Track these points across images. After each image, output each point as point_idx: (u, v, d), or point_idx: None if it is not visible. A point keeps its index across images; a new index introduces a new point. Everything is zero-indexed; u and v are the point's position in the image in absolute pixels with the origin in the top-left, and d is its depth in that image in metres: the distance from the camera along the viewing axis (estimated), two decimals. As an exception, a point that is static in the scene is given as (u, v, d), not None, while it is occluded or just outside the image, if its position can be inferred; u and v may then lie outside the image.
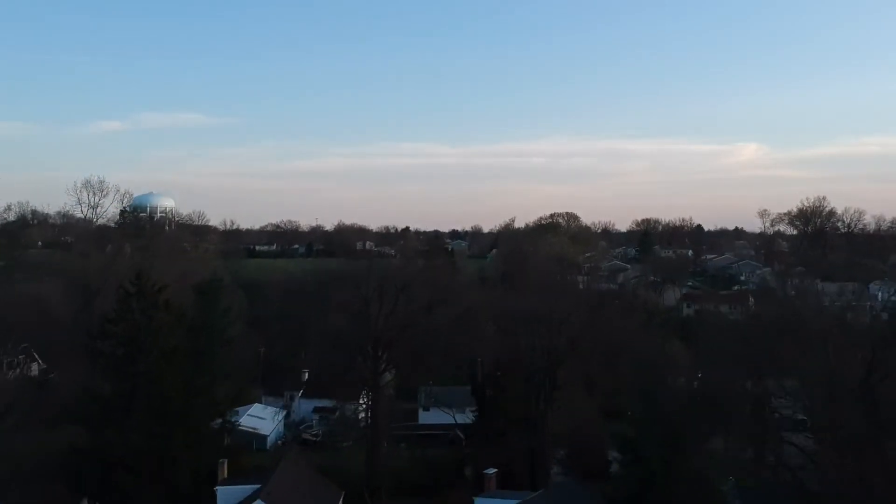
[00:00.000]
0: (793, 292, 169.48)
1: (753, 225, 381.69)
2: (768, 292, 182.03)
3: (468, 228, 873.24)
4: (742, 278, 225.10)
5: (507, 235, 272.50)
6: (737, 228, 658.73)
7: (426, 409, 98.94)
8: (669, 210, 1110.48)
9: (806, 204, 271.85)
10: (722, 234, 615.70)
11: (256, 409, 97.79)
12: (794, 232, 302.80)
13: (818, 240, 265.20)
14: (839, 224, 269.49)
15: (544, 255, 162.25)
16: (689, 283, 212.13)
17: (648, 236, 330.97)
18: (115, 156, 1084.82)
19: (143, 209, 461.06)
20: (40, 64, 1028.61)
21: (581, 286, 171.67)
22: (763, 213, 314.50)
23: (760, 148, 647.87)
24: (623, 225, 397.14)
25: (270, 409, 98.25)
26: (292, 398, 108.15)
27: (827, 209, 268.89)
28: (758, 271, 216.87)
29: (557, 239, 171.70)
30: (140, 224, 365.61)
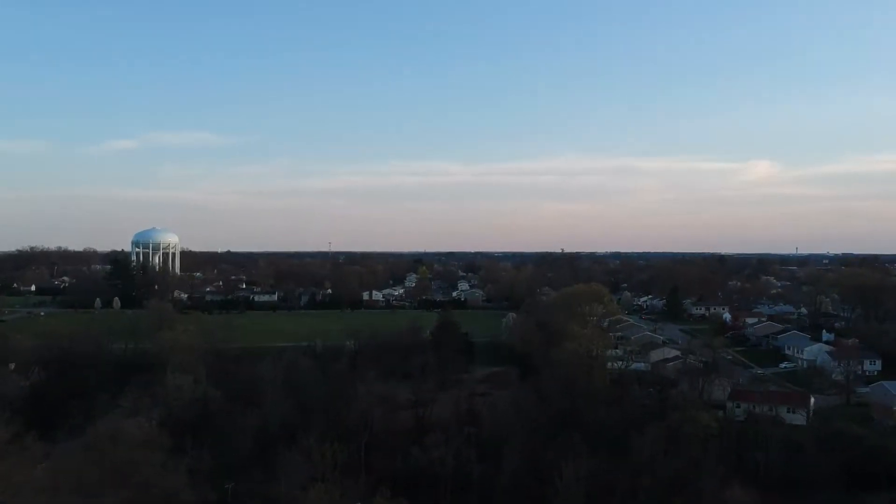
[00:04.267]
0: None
1: (773, 245, 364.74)
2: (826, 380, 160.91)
3: (482, 249, 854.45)
4: (788, 351, 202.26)
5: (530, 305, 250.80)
6: (760, 261, 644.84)
7: None
8: (682, 229, 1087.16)
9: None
10: (745, 263, 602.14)
11: None
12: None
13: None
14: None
15: (571, 349, 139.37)
16: (730, 357, 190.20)
17: (677, 291, 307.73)
18: (128, 174, 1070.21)
19: (146, 245, 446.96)
20: (53, 82, 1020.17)
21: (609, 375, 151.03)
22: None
23: (773, 165, 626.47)
24: (638, 246, 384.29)
25: None
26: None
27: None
28: (806, 347, 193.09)
29: (585, 331, 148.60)
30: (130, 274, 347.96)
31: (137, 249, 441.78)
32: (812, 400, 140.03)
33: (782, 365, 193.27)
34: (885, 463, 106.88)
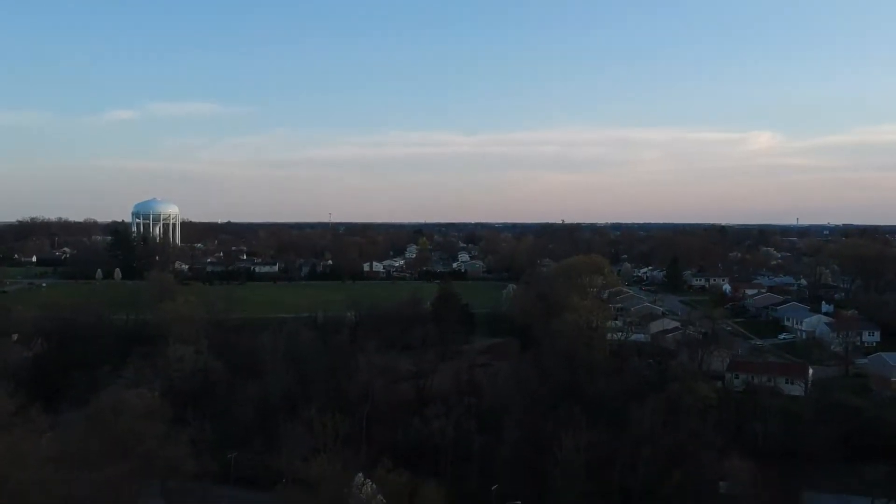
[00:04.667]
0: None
1: (774, 216, 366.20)
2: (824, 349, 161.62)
3: (482, 220, 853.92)
4: (787, 323, 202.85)
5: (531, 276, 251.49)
6: (761, 231, 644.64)
7: None
8: (683, 200, 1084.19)
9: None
10: (746, 234, 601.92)
11: None
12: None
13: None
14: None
15: (572, 321, 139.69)
16: (729, 328, 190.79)
17: (677, 262, 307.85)
18: (128, 145, 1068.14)
19: (147, 216, 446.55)
20: (54, 54, 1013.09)
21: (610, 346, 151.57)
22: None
23: (775, 136, 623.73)
24: (638, 216, 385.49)
25: None
26: None
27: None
28: (805, 319, 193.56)
29: (585, 302, 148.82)
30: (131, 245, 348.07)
31: (138, 220, 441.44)
32: (811, 371, 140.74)
33: (781, 336, 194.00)
34: (884, 434, 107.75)
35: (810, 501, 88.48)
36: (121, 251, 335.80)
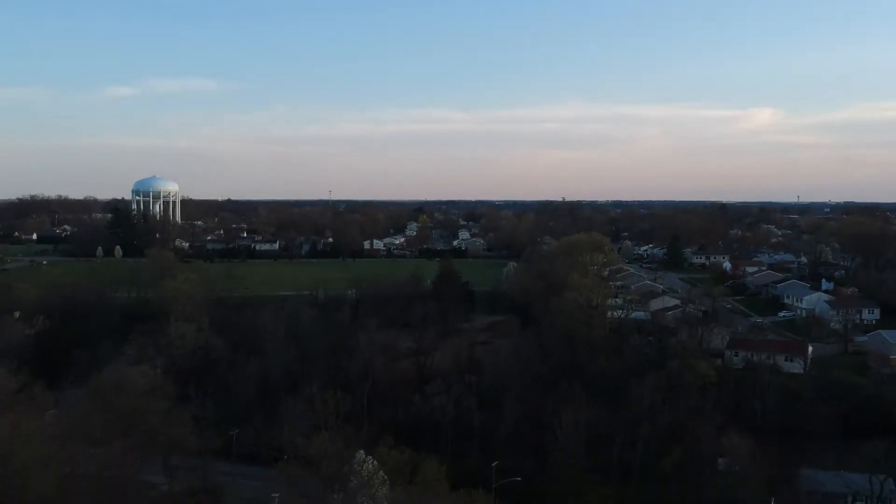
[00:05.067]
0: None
1: (775, 193, 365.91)
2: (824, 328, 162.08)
3: (483, 198, 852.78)
4: (787, 300, 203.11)
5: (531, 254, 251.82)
6: (762, 209, 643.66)
7: None
8: (684, 177, 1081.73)
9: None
10: (746, 212, 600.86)
11: None
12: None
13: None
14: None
15: (572, 299, 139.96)
16: (729, 306, 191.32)
17: (677, 240, 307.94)
18: (127, 121, 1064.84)
19: (147, 193, 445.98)
20: (53, 31, 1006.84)
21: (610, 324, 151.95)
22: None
23: (776, 113, 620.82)
24: (639, 194, 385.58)
25: None
26: None
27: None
28: (805, 296, 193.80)
29: (585, 280, 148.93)
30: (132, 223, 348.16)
31: (138, 198, 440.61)
32: (810, 349, 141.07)
33: (781, 314, 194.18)
34: (882, 411, 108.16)
35: (808, 478, 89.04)
36: (121, 229, 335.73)
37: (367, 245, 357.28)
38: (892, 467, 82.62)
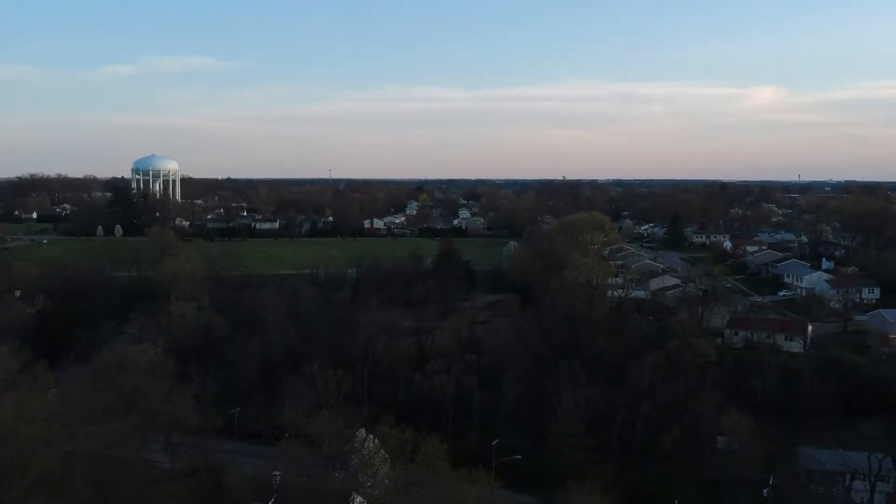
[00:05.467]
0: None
1: (776, 172, 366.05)
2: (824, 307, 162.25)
3: (483, 177, 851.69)
4: (787, 279, 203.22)
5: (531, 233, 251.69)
6: (763, 188, 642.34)
7: None
8: (685, 156, 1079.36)
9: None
10: (747, 191, 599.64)
11: None
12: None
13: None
14: None
15: (572, 278, 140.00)
16: (729, 285, 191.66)
17: (678, 219, 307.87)
18: (126, 100, 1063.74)
19: (147, 172, 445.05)
20: (52, 8, 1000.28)
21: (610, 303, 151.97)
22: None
23: (778, 91, 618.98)
24: (640, 173, 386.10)
25: None
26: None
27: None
28: (805, 275, 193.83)
29: (585, 260, 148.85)
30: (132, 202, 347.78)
31: (138, 177, 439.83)
32: (810, 328, 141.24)
33: (781, 293, 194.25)
34: (881, 391, 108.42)
35: (807, 456, 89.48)
36: (121, 207, 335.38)
37: (367, 224, 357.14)
38: (891, 446, 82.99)
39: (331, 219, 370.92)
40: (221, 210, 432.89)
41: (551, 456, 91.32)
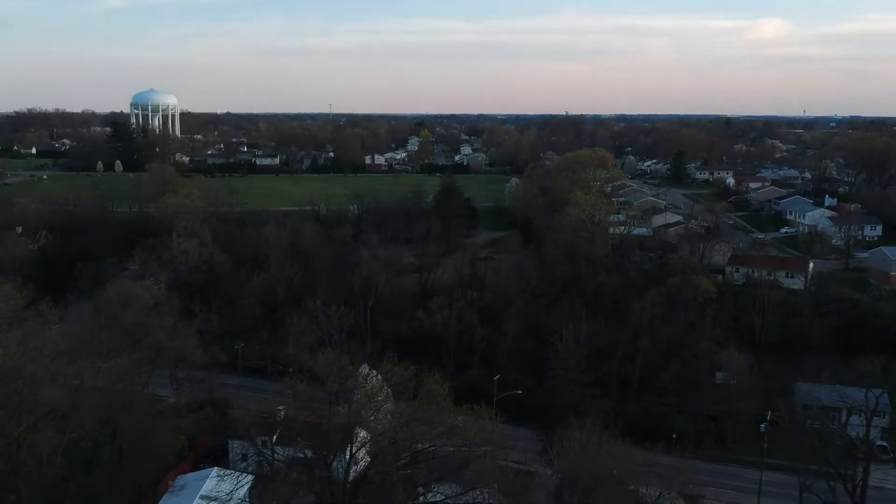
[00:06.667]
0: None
1: (780, 107, 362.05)
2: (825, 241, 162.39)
3: (485, 112, 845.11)
4: (790, 216, 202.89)
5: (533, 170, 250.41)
6: (767, 123, 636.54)
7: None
8: (688, 91, 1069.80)
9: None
10: (751, 126, 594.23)
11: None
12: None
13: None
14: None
15: (574, 215, 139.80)
16: (731, 222, 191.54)
17: (681, 155, 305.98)
18: (122, 33, 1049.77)
19: (145, 107, 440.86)
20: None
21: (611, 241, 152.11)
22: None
23: (784, 24, 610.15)
24: (643, 108, 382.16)
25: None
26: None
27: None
28: (808, 212, 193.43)
29: (588, 197, 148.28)
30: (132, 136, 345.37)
31: (136, 111, 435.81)
32: (811, 265, 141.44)
33: (784, 230, 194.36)
34: (879, 327, 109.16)
35: (805, 392, 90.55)
36: (121, 143, 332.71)
37: (368, 160, 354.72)
38: (888, 382, 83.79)
39: (332, 155, 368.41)
40: (221, 145, 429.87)
41: (552, 391, 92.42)
